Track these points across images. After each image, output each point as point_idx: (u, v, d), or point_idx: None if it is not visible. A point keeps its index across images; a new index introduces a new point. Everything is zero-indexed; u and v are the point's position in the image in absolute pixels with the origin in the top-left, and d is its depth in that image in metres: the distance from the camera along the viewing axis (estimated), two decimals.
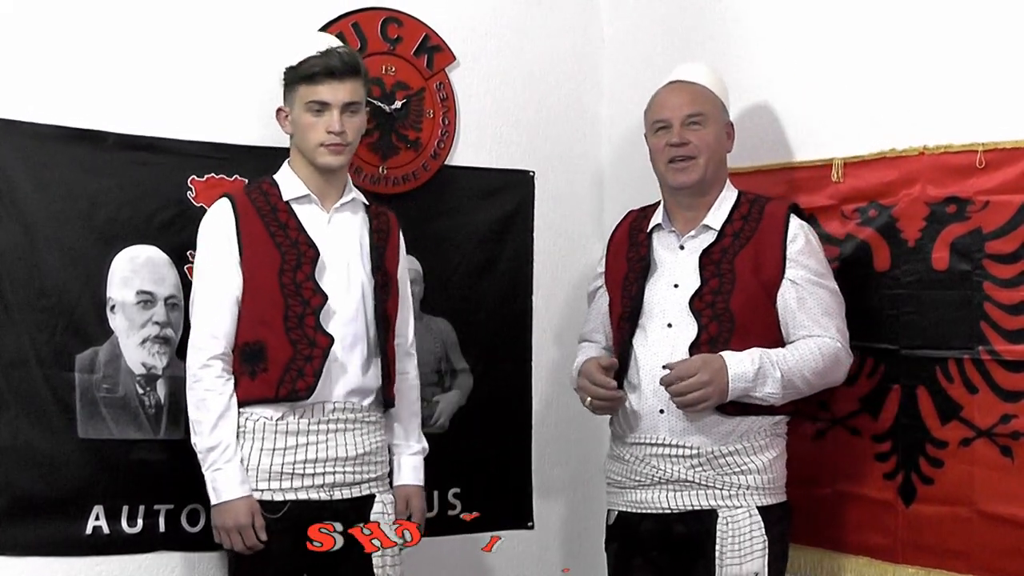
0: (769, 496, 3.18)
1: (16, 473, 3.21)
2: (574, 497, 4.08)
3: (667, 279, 3.26)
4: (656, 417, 3.20)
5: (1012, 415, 3.06)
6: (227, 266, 3.18)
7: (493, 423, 3.88)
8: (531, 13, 4.01)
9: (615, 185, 4.13)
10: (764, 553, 3.11)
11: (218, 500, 3.13)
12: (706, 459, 3.15)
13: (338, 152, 3.23)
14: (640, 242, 3.35)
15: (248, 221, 3.21)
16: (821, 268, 3.20)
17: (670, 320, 3.21)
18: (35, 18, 3.28)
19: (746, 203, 3.27)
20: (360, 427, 3.24)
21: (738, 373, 3.07)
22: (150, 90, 3.41)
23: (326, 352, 3.16)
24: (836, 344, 3.17)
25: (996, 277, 3.09)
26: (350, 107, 3.22)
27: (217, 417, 3.13)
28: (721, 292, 3.17)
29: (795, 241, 3.18)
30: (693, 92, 3.28)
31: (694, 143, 3.22)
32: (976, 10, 3.15)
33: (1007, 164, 3.07)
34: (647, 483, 3.21)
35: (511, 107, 3.97)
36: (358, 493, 3.23)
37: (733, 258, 3.19)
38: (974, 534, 3.13)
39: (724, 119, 3.31)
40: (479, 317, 3.87)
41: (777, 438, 3.23)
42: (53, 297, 3.27)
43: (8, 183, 3.23)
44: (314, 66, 3.20)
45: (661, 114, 3.28)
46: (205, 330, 3.17)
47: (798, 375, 3.12)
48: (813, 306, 3.17)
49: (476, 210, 3.88)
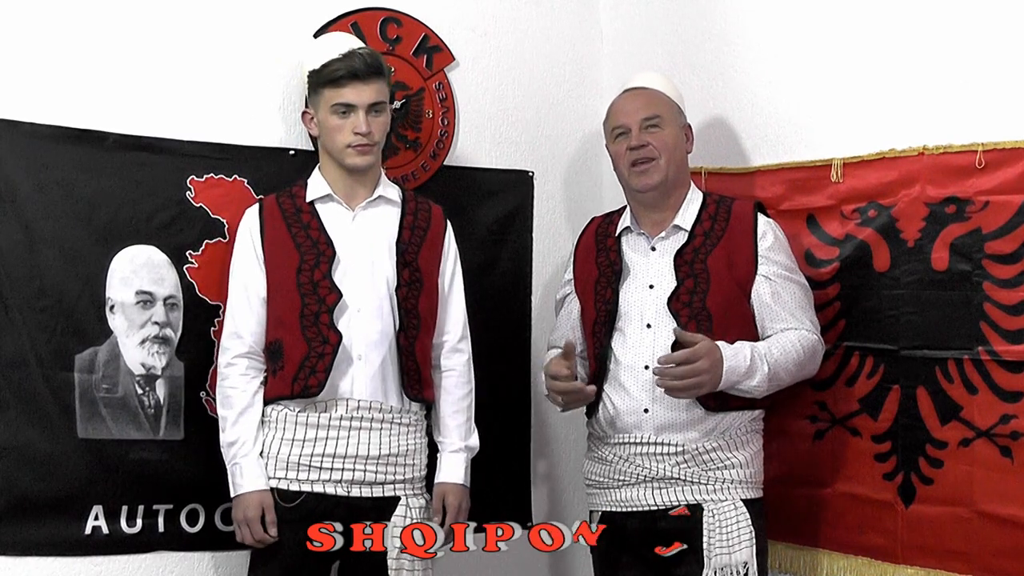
0: (751, 490, 3.25)
1: (16, 473, 3.21)
2: (574, 497, 4.07)
3: (641, 280, 3.32)
4: (641, 416, 3.24)
5: (1012, 415, 3.06)
6: (252, 268, 3.25)
7: (493, 422, 3.87)
8: (530, 14, 4.01)
9: (615, 185, 4.11)
10: (752, 543, 3.16)
11: (235, 492, 3.18)
12: (691, 455, 3.20)
13: (365, 152, 3.26)
14: (609, 247, 3.42)
15: (272, 224, 3.26)
16: (790, 263, 3.31)
17: (648, 321, 3.27)
18: (35, 18, 3.28)
19: (712, 203, 3.36)
20: (388, 427, 3.24)
21: (732, 366, 3.14)
22: (150, 90, 3.41)
23: (335, 349, 3.18)
24: (813, 336, 3.27)
25: (996, 277, 3.09)
26: (375, 107, 3.26)
27: (238, 413, 3.20)
28: (697, 291, 3.23)
29: (764, 238, 3.28)
30: (648, 96, 3.37)
31: (653, 145, 3.30)
32: (976, 10, 3.15)
33: (1007, 164, 3.07)
34: (631, 482, 3.25)
35: (510, 107, 3.97)
36: (380, 493, 3.23)
37: (706, 258, 3.27)
38: (974, 534, 3.13)
39: (681, 121, 3.39)
40: (479, 317, 3.85)
41: (755, 434, 3.31)
42: (53, 297, 3.27)
43: (8, 183, 3.23)
44: (338, 70, 3.23)
45: (619, 120, 3.37)
46: (230, 330, 3.26)
47: (783, 367, 3.20)
48: (788, 300, 3.26)
49: (476, 210, 3.88)
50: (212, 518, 3.43)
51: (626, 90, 3.44)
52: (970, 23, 3.16)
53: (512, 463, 3.95)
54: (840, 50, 3.45)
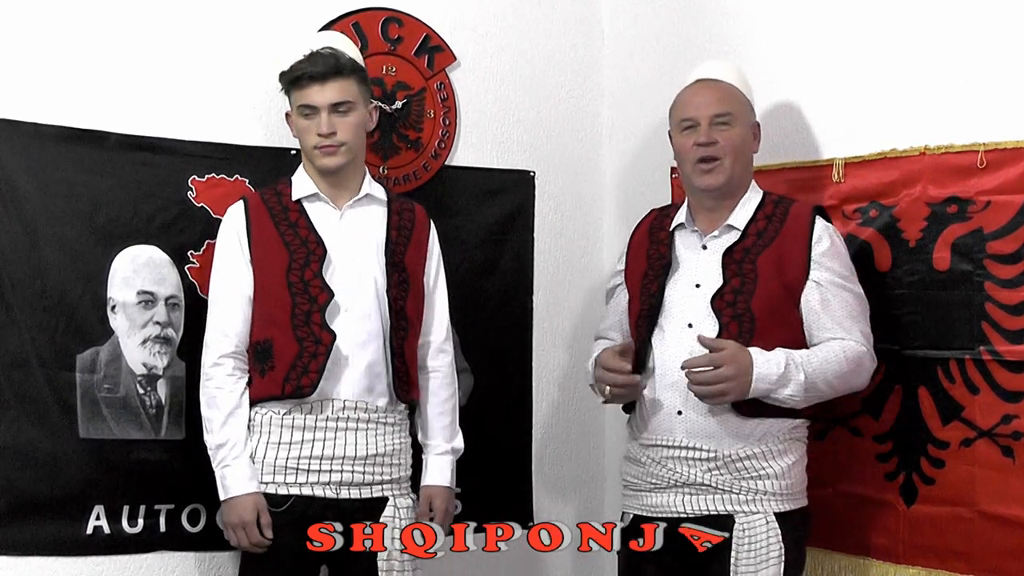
0: (787, 502, 3.12)
1: (17, 473, 3.21)
2: (574, 497, 4.08)
3: (688, 278, 3.21)
4: (673, 419, 3.15)
5: (1013, 415, 3.06)
6: (238, 266, 3.22)
7: (494, 423, 3.88)
8: (532, 13, 4.01)
9: (616, 185, 4.13)
10: (780, 561, 3.06)
11: (226, 496, 3.16)
12: (724, 463, 3.10)
13: (331, 153, 3.23)
14: (661, 240, 3.31)
15: (259, 222, 3.24)
16: (846, 271, 3.16)
17: (690, 320, 3.16)
18: (36, 18, 3.28)
19: (770, 203, 3.23)
20: (374, 427, 3.24)
21: (763, 373, 3.02)
22: (151, 90, 3.41)
23: (329, 349, 3.17)
24: (861, 348, 3.12)
25: (997, 277, 3.09)
26: (339, 107, 3.22)
27: (227, 415, 3.16)
28: (742, 292, 3.12)
29: (820, 243, 3.14)
30: (721, 91, 3.22)
31: (721, 144, 3.17)
32: (977, 10, 3.16)
33: (1008, 164, 3.07)
34: (662, 486, 3.16)
35: (512, 107, 3.97)
36: (368, 494, 3.22)
37: (756, 258, 3.15)
38: (975, 534, 3.13)
39: (751, 119, 3.26)
40: (480, 317, 3.86)
41: (796, 442, 3.17)
42: (54, 297, 3.27)
43: (9, 183, 3.23)
44: (297, 71, 3.23)
45: (688, 112, 3.22)
46: (216, 329, 3.21)
47: (822, 379, 3.07)
48: (837, 309, 3.12)
49: (477, 210, 3.87)
50: (213, 518, 3.41)
51: (698, 80, 3.27)
52: (971, 23, 3.16)
53: (512, 463, 3.95)
54: (841, 50, 3.45)
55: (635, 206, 4.02)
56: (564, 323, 4.06)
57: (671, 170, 3.88)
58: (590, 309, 4.10)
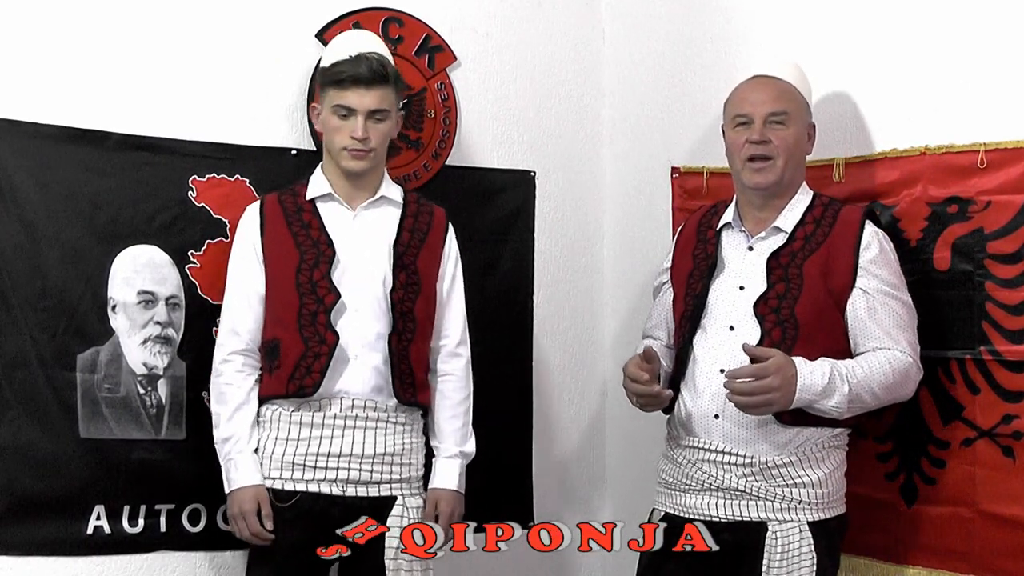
0: (822, 511, 3.07)
1: (18, 473, 3.21)
2: (575, 497, 4.08)
3: (733, 280, 3.16)
4: (710, 422, 3.10)
5: (1014, 415, 3.06)
6: (250, 265, 3.25)
7: (494, 423, 3.87)
8: (532, 13, 4.01)
9: (616, 185, 4.13)
10: (812, 570, 3.01)
11: (229, 488, 3.18)
12: (759, 469, 3.05)
13: (359, 158, 3.24)
14: (708, 239, 3.25)
15: (273, 222, 3.26)
16: (894, 279, 3.09)
17: (732, 323, 3.11)
18: (37, 18, 3.28)
19: (820, 206, 3.16)
20: (383, 426, 3.23)
21: (807, 384, 2.95)
22: (152, 90, 3.41)
23: (332, 349, 3.17)
24: (907, 359, 3.05)
25: (998, 277, 3.09)
26: (376, 114, 3.23)
27: (233, 409, 3.20)
28: (787, 297, 3.06)
29: (868, 249, 3.07)
30: (779, 89, 3.16)
31: (774, 143, 3.11)
32: (978, 10, 3.16)
33: (1009, 164, 3.07)
34: (697, 488, 3.12)
35: (512, 107, 3.97)
36: (376, 493, 3.22)
37: (802, 263, 3.08)
38: (976, 534, 3.13)
39: (807, 120, 3.20)
40: (480, 317, 3.85)
41: (835, 450, 3.12)
42: (55, 297, 3.27)
43: (10, 183, 3.23)
44: (342, 72, 3.22)
45: (743, 108, 3.16)
46: (227, 326, 3.25)
47: (866, 389, 3.00)
48: (884, 317, 3.05)
49: (477, 210, 3.87)
50: (214, 518, 3.43)
51: (756, 76, 3.21)
52: (972, 23, 3.16)
53: (513, 463, 3.95)
54: (841, 50, 3.45)
55: (635, 206, 4.03)
56: (564, 323, 4.06)
57: (671, 170, 3.88)
58: (590, 309, 4.10)
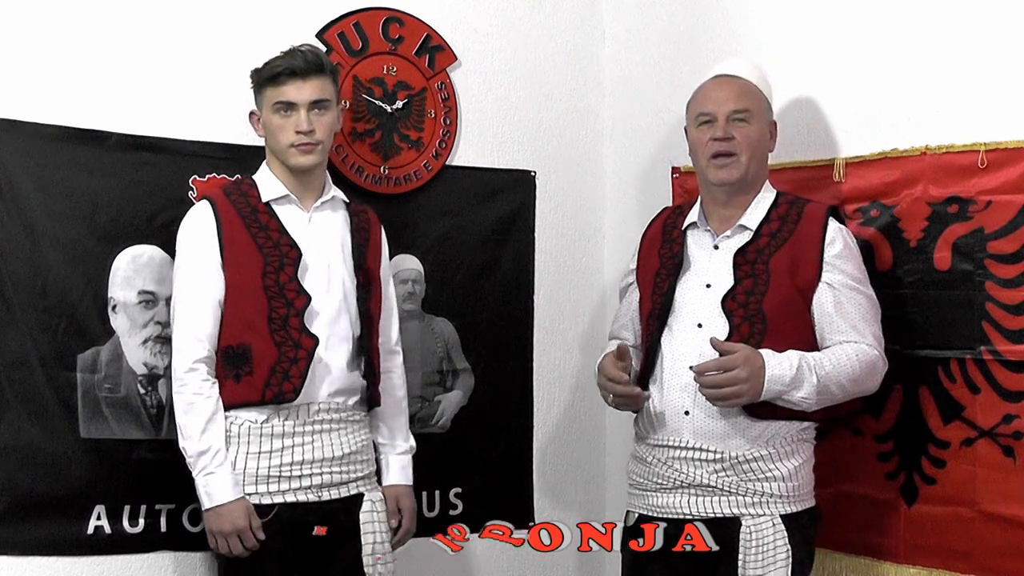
0: (793, 503, 3.09)
1: (18, 473, 3.21)
2: (575, 497, 4.08)
3: (699, 278, 3.19)
4: (680, 419, 3.12)
5: (1014, 415, 3.06)
6: (209, 269, 3.17)
7: (495, 423, 3.88)
8: (533, 13, 4.01)
9: (616, 185, 4.13)
10: (787, 563, 3.03)
11: (212, 504, 3.12)
12: (730, 464, 3.07)
13: (308, 151, 3.22)
14: (674, 239, 3.29)
15: (229, 223, 3.20)
16: (859, 273, 3.13)
17: (700, 320, 3.14)
18: (37, 18, 3.28)
19: (784, 204, 3.20)
20: (345, 426, 3.24)
21: (776, 375, 2.99)
22: (152, 90, 3.41)
23: (311, 353, 3.16)
24: (874, 352, 3.10)
25: (998, 277, 3.09)
26: (317, 105, 3.21)
27: (206, 421, 3.12)
28: (754, 293, 3.10)
29: (833, 244, 3.11)
30: (740, 87, 3.20)
31: (738, 139, 3.15)
32: (978, 10, 3.16)
33: (1009, 164, 3.07)
34: (668, 487, 3.14)
35: (513, 107, 3.97)
36: (346, 493, 3.23)
37: (768, 259, 3.12)
38: (976, 534, 3.13)
39: (768, 117, 3.24)
40: (481, 317, 3.87)
41: (804, 443, 3.15)
42: (55, 297, 3.27)
43: (10, 183, 3.23)
44: (277, 66, 3.20)
45: (705, 107, 3.20)
46: (189, 333, 3.16)
47: (834, 381, 3.04)
48: (851, 311, 3.09)
49: (478, 210, 3.87)
50: None
51: (717, 75, 3.26)
52: (972, 23, 3.17)
53: (513, 463, 3.95)
54: (842, 50, 3.45)
55: (635, 206, 4.03)
56: (564, 323, 4.06)
57: (672, 170, 3.88)
58: (590, 309, 4.10)
